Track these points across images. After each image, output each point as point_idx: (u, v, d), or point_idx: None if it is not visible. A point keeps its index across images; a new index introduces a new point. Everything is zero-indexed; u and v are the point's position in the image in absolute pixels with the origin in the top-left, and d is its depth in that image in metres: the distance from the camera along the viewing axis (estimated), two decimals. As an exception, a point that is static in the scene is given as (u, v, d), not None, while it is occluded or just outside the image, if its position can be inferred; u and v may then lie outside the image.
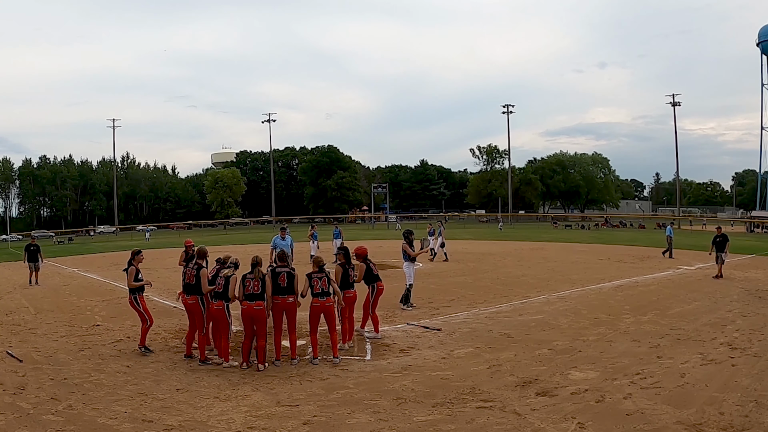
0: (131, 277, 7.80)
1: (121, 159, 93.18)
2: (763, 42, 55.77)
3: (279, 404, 5.76)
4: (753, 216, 56.21)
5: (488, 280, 15.25)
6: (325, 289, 7.31)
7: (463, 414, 5.40)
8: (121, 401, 5.84)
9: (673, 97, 65.04)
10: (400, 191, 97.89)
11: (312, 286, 7.31)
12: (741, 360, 6.99)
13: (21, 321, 10.44)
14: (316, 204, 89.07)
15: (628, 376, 6.38)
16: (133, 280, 7.79)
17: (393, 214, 79.21)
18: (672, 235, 21.96)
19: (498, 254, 23.75)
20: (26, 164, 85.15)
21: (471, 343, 8.12)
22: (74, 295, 13.75)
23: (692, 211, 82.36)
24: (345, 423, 5.24)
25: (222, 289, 7.10)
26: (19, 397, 5.96)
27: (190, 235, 58.16)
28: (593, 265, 19.03)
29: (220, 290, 7.10)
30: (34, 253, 16.40)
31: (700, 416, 5.16)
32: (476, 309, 10.80)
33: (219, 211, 78.88)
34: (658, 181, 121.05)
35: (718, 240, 15.49)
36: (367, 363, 7.25)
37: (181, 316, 9.89)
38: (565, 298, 12.06)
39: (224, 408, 5.65)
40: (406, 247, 10.85)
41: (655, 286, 13.66)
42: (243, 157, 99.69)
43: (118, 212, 77.99)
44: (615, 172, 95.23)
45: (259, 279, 7.04)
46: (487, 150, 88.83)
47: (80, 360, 7.52)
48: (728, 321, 9.40)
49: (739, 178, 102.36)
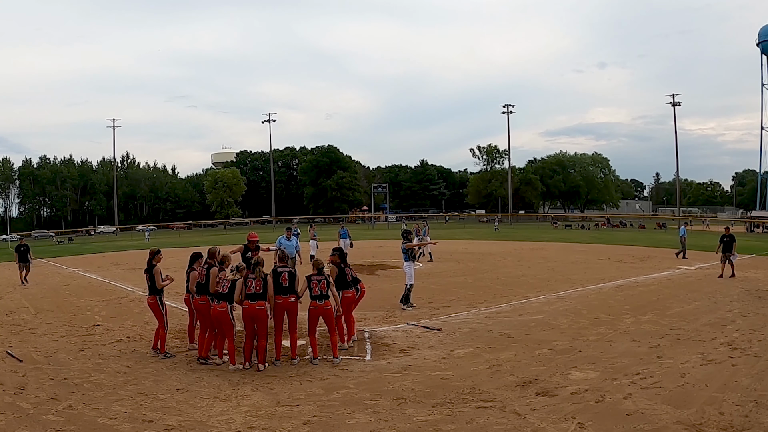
0: (158, 278, 7.65)
1: (121, 159, 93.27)
2: (763, 42, 55.75)
3: (279, 404, 5.76)
4: (753, 216, 56.20)
5: (488, 280, 15.25)
6: (323, 292, 7.30)
7: (463, 414, 5.40)
8: (121, 401, 5.84)
9: (673, 97, 65.04)
10: (400, 191, 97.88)
11: (311, 288, 7.31)
12: (741, 360, 6.99)
13: (21, 321, 10.44)
14: (316, 204, 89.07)
15: (628, 376, 6.38)
16: (161, 281, 7.67)
17: (393, 214, 79.22)
18: (686, 236, 21.65)
19: (498, 254, 23.74)
20: (26, 164, 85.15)
21: (471, 343, 8.12)
22: (74, 295, 13.75)
23: (692, 211, 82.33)
24: (345, 423, 5.24)
25: (227, 291, 7.09)
26: (19, 397, 5.96)
27: (190, 235, 58.20)
28: (593, 265, 19.03)
29: (225, 292, 7.10)
30: (24, 254, 16.74)
31: (700, 416, 5.16)
32: (476, 309, 10.80)
33: (219, 211, 78.91)
34: (658, 181, 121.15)
35: (725, 240, 15.34)
36: (367, 363, 7.25)
37: (181, 317, 9.89)
38: (565, 298, 12.06)
39: (224, 408, 5.66)
40: (408, 244, 10.92)
41: (655, 286, 13.66)
42: (243, 157, 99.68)
43: (118, 212, 77.94)
44: (615, 172, 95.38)
45: (261, 279, 7.05)
46: (487, 150, 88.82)
47: (80, 360, 7.52)
48: (728, 321, 9.40)
49: (739, 178, 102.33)
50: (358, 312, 8.87)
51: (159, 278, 7.66)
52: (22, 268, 16.48)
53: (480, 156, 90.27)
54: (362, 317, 9.91)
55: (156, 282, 7.66)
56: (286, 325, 7.42)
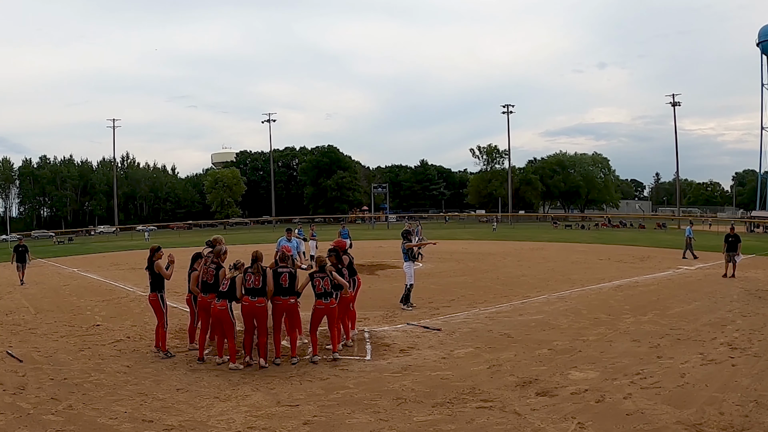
0: (164, 271, 7.54)
1: (121, 159, 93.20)
2: (763, 42, 55.74)
3: (279, 404, 5.76)
4: (753, 216, 56.20)
5: (488, 280, 15.24)
6: (327, 289, 7.27)
7: (463, 414, 5.40)
8: (121, 401, 5.84)
9: (673, 97, 65.01)
10: (400, 191, 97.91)
11: (314, 286, 7.25)
12: (741, 360, 6.99)
13: (21, 321, 10.44)
14: (316, 204, 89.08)
15: (628, 376, 6.38)
16: (166, 270, 7.57)
17: (393, 214, 79.20)
18: (692, 236, 21.34)
19: (498, 254, 23.74)
20: (26, 164, 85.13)
21: (471, 343, 8.12)
22: (74, 295, 13.75)
23: (692, 211, 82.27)
24: (345, 423, 5.24)
25: (227, 288, 7.08)
26: (19, 397, 5.95)
27: (191, 235, 58.17)
28: (593, 265, 19.02)
29: (225, 290, 7.09)
30: (22, 254, 16.87)
31: (700, 416, 5.16)
32: (476, 309, 10.80)
33: (219, 211, 78.88)
34: (658, 181, 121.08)
35: (730, 239, 15.44)
36: (367, 363, 7.25)
37: (181, 316, 9.89)
38: (565, 298, 12.06)
39: (224, 408, 5.66)
40: (408, 244, 10.92)
41: (655, 286, 13.66)
42: (243, 157, 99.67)
43: (118, 212, 77.94)
44: (615, 172, 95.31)
45: (261, 273, 7.02)
46: (487, 150, 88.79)
47: (80, 360, 7.52)
48: (728, 321, 9.39)
49: (739, 178, 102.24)
50: (358, 311, 8.87)
51: (164, 271, 7.56)
52: (20, 268, 16.56)
53: (480, 156, 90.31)
54: (362, 317, 9.91)
55: (163, 275, 7.57)
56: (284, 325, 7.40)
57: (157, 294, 7.68)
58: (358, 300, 8.54)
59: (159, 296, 7.67)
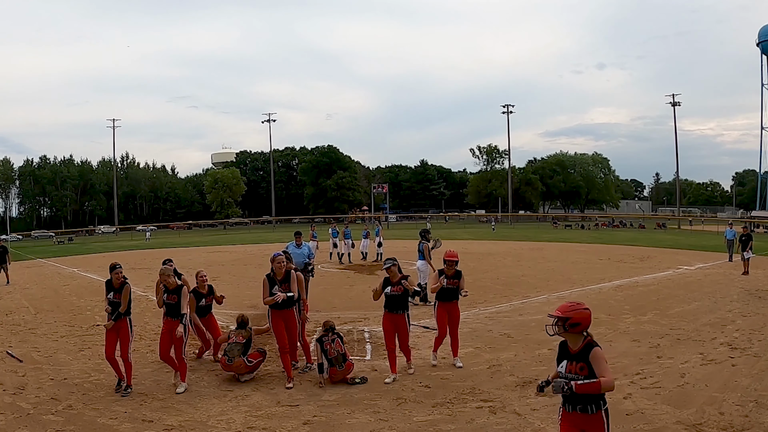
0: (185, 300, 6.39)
1: (121, 159, 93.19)
2: (763, 42, 55.82)
3: (279, 404, 5.76)
4: (753, 216, 56.22)
5: (488, 280, 15.24)
6: (340, 351, 6.42)
7: (463, 414, 5.40)
8: (121, 401, 5.84)
9: (672, 97, 65.04)
10: (400, 191, 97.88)
11: (325, 351, 6.37)
12: (741, 360, 6.99)
13: (21, 321, 10.44)
14: (316, 204, 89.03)
15: (628, 376, 6.37)
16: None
17: (393, 214, 79.16)
18: (732, 238, 18.80)
19: (498, 254, 23.74)
20: (27, 164, 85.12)
21: (471, 343, 8.11)
22: (74, 295, 13.74)
23: (692, 211, 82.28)
24: (345, 423, 5.24)
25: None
26: (19, 397, 5.96)
27: (191, 235, 58.18)
28: (593, 265, 19.02)
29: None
30: (2, 255, 16.72)
31: (700, 416, 5.16)
32: (476, 309, 10.80)
33: (219, 211, 78.83)
34: (658, 181, 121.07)
35: (743, 239, 16.22)
36: (367, 363, 7.25)
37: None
38: (565, 298, 12.03)
39: (224, 408, 5.66)
40: (426, 246, 11.21)
41: (655, 286, 13.66)
42: (243, 157, 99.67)
43: (118, 212, 77.94)
44: (615, 172, 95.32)
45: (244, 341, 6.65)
46: (487, 150, 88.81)
47: (80, 360, 7.53)
48: (728, 321, 9.39)
49: (739, 178, 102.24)
50: (359, 311, 8.86)
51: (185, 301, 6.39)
52: (2, 269, 16.44)
53: (480, 156, 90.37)
54: (362, 317, 9.93)
55: (182, 305, 6.32)
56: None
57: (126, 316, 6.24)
58: (358, 299, 8.52)
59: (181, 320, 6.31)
